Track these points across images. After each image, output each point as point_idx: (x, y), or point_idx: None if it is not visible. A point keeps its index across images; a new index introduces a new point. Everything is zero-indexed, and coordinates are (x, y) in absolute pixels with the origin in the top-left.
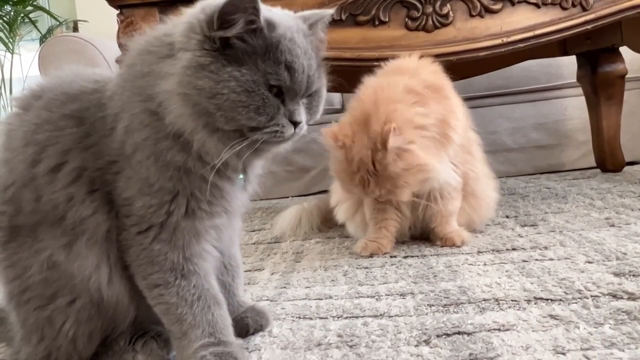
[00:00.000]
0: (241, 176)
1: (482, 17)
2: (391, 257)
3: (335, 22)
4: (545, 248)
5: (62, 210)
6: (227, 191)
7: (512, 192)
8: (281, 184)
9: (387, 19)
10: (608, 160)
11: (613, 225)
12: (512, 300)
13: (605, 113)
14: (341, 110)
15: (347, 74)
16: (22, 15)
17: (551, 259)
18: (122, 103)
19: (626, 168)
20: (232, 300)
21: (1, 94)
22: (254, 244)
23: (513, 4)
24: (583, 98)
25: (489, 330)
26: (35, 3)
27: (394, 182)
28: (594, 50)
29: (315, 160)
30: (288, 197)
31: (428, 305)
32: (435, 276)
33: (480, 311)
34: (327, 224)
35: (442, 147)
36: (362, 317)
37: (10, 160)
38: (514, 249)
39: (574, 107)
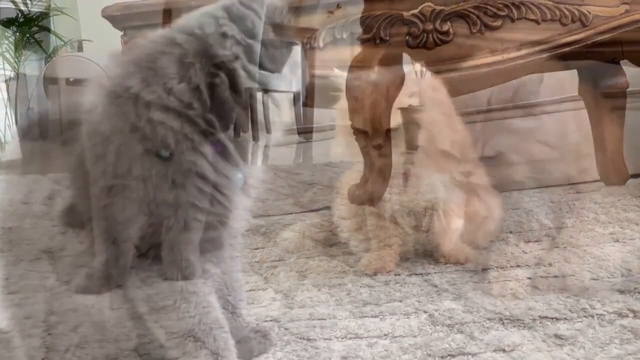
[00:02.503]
0: (240, 175)
1: (482, 33)
2: (395, 275)
3: (336, 41)
4: (550, 265)
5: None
6: (225, 194)
7: (515, 207)
8: (284, 201)
9: (387, 37)
10: (612, 173)
11: (617, 241)
12: (516, 320)
13: (607, 126)
14: None
15: None
16: (27, 35)
17: (556, 276)
18: (109, 127)
19: (630, 181)
20: (235, 322)
21: (7, 113)
22: (257, 262)
23: (513, 21)
24: (585, 111)
25: (494, 351)
26: (40, 24)
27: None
28: (595, 65)
29: (318, 176)
30: (291, 214)
31: (432, 324)
32: (439, 295)
33: (485, 331)
34: (330, 241)
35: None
36: (366, 337)
37: None
38: (518, 266)
39: (576, 121)
